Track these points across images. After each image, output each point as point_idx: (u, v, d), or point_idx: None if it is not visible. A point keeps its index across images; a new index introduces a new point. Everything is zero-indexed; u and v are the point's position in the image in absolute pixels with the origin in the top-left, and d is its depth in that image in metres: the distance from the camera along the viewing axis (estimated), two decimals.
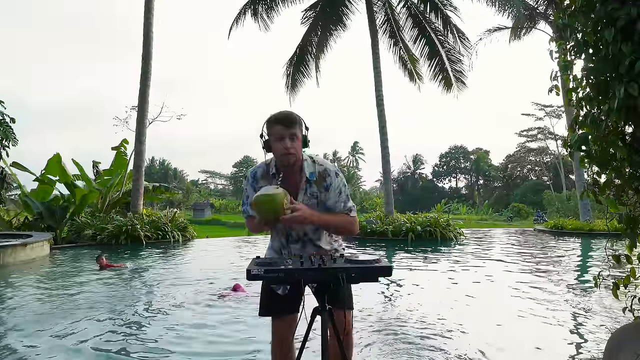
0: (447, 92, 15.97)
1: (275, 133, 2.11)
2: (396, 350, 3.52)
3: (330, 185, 2.19)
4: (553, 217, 24.03)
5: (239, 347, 3.62)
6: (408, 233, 12.49)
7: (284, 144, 2.09)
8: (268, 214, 1.94)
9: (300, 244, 2.26)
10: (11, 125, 11.83)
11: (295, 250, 2.26)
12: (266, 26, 15.45)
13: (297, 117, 2.15)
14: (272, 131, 2.13)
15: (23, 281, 6.76)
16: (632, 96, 2.07)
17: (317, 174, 2.19)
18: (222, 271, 7.36)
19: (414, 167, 66.11)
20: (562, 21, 2.47)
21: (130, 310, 4.87)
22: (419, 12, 15.58)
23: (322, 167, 2.21)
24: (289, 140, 2.09)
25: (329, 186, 2.19)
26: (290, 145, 2.09)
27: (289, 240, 2.27)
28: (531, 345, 3.68)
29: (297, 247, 2.26)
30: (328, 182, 2.19)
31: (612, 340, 2.51)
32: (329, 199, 2.19)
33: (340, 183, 2.21)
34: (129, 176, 15.14)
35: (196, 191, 64.83)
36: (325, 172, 2.20)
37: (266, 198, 1.93)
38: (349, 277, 1.74)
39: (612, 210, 2.55)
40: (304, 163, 2.19)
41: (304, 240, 2.26)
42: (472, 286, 6.23)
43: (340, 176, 2.23)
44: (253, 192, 2.14)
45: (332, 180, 2.19)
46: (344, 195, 2.22)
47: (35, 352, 3.58)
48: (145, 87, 14.08)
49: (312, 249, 2.25)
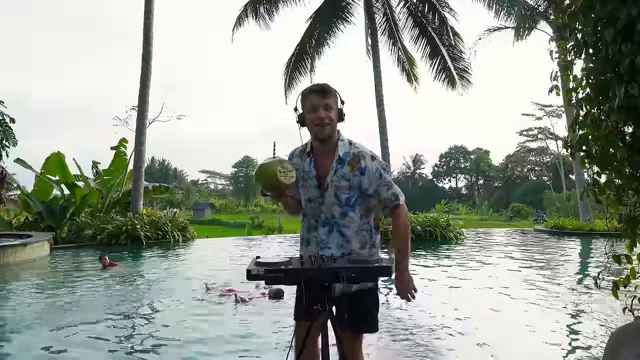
0: (452, 90, 15.96)
1: (309, 104, 2.07)
2: (396, 350, 3.52)
3: (366, 168, 2.08)
4: (553, 217, 24.02)
5: (239, 347, 3.62)
6: None
7: (318, 114, 2.05)
8: (263, 185, 1.99)
9: (327, 227, 2.14)
10: (11, 125, 11.83)
11: (322, 234, 2.14)
12: (266, 25, 15.48)
13: (332, 89, 2.10)
14: (306, 103, 2.09)
15: (23, 281, 6.76)
16: (632, 96, 2.07)
17: (351, 155, 2.11)
18: (221, 271, 7.36)
19: (414, 167, 66.15)
20: (562, 21, 2.47)
21: (131, 310, 4.86)
22: (419, 11, 15.58)
23: (357, 150, 2.12)
24: (323, 110, 2.06)
25: (364, 170, 2.08)
26: (324, 115, 2.05)
27: (318, 221, 2.16)
28: (531, 344, 3.68)
29: (325, 230, 2.14)
30: (363, 165, 2.08)
31: (612, 340, 2.50)
32: (367, 185, 2.09)
33: (378, 166, 2.10)
34: (129, 176, 15.14)
35: (196, 191, 64.82)
36: (359, 154, 2.11)
37: (257, 171, 1.99)
38: (349, 277, 1.74)
39: (612, 210, 2.55)
40: (339, 142, 2.12)
41: (331, 224, 2.13)
42: (472, 286, 6.22)
43: (377, 159, 2.13)
44: None
45: (367, 163, 2.09)
46: (385, 179, 2.10)
47: (35, 351, 3.58)
48: (145, 87, 14.07)
49: (337, 237, 2.12)
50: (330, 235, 2.13)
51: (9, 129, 11.84)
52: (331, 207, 2.12)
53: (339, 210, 2.11)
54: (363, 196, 2.12)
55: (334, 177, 2.10)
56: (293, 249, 11.18)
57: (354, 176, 2.09)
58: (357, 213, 2.13)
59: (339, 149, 2.11)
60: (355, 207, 2.12)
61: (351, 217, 2.12)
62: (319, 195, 2.13)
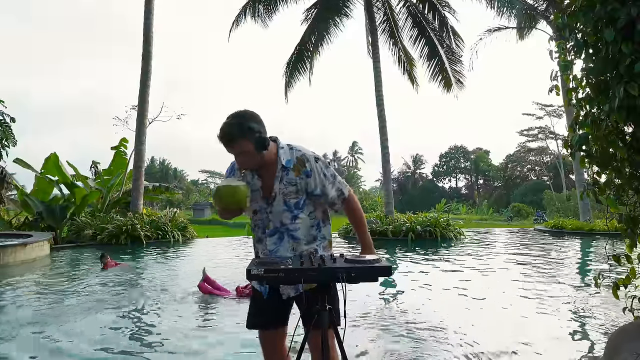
0: (447, 92, 15.98)
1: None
2: (396, 350, 3.52)
3: (311, 171, 2.11)
4: (553, 217, 24.03)
5: (240, 346, 3.62)
6: (408, 233, 12.48)
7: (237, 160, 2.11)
8: (230, 205, 2.03)
9: (277, 235, 2.13)
10: (11, 125, 11.84)
11: (270, 244, 2.13)
12: (265, 24, 15.47)
13: (235, 132, 1.99)
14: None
15: (23, 281, 6.76)
16: (632, 96, 2.07)
17: (294, 160, 2.12)
18: (222, 271, 7.36)
19: (414, 167, 66.13)
20: (562, 21, 2.47)
21: (131, 310, 4.86)
22: (418, 11, 15.57)
23: (300, 153, 2.13)
24: (238, 156, 2.07)
25: (309, 172, 2.11)
26: (240, 162, 2.10)
27: (265, 232, 2.15)
28: (531, 344, 3.67)
29: (273, 239, 2.13)
30: (308, 168, 2.11)
31: (612, 340, 2.51)
32: (313, 186, 2.11)
33: (322, 165, 2.14)
34: (129, 176, 15.14)
35: (196, 191, 64.82)
36: (303, 157, 2.12)
37: (229, 190, 2.00)
38: (349, 277, 1.74)
39: (612, 210, 2.55)
40: (279, 152, 2.12)
41: (281, 232, 2.13)
42: (472, 286, 6.22)
43: (320, 159, 2.16)
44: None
45: (312, 165, 2.11)
46: (330, 178, 2.14)
47: (35, 351, 3.58)
48: (145, 87, 14.08)
49: (288, 242, 2.13)
50: (281, 243, 2.14)
51: (9, 128, 11.85)
52: (280, 215, 2.13)
53: (289, 215, 2.13)
54: (310, 196, 2.14)
55: (280, 185, 2.11)
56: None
57: (300, 180, 2.11)
58: (306, 212, 2.15)
59: (280, 158, 2.11)
60: (303, 208, 2.14)
61: (301, 218, 2.14)
62: (266, 206, 2.14)
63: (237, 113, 2.05)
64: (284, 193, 2.10)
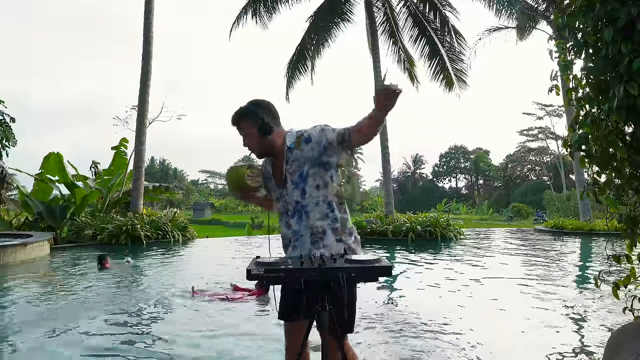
0: (449, 92, 15.96)
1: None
2: (397, 350, 3.51)
3: (310, 135, 2.11)
4: (553, 217, 24.02)
5: (240, 346, 3.62)
6: (408, 233, 12.48)
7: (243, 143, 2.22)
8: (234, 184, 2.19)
9: (297, 215, 2.15)
10: (10, 125, 11.84)
11: (294, 225, 2.16)
12: (265, 25, 15.46)
13: (242, 113, 2.17)
14: None
15: (23, 281, 6.76)
16: (631, 95, 2.07)
17: (295, 138, 2.16)
18: (222, 271, 7.36)
19: (414, 167, 66.09)
20: (562, 21, 2.47)
21: (131, 310, 4.86)
22: (418, 11, 15.57)
23: (301, 130, 2.17)
24: (244, 139, 2.20)
25: (309, 138, 2.11)
26: (246, 144, 2.20)
27: (289, 215, 2.18)
28: (531, 344, 3.67)
29: (294, 220, 2.16)
30: (306, 135, 2.12)
31: (612, 340, 2.50)
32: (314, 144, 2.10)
33: (318, 126, 2.14)
34: (129, 176, 15.14)
35: (196, 191, 64.82)
36: (301, 131, 2.16)
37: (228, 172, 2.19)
38: (349, 277, 1.74)
39: (612, 210, 2.55)
40: (286, 138, 2.17)
41: (299, 210, 2.14)
42: (472, 286, 6.22)
43: (318, 124, 2.16)
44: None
45: (309, 131, 2.13)
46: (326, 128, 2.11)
47: (35, 351, 3.58)
48: (145, 87, 14.07)
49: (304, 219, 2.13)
50: (300, 222, 2.15)
51: (9, 128, 11.85)
52: (293, 194, 2.16)
53: (298, 191, 2.14)
54: (315, 165, 2.12)
55: (287, 166, 2.15)
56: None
57: (300, 151, 2.13)
58: (311, 183, 2.13)
59: (287, 143, 2.17)
60: (307, 180, 2.13)
61: (308, 191, 2.13)
62: (281, 190, 2.20)
63: (251, 100, 2.21)
64: (290, 172, 2.14)
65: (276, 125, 2.19)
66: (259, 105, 2.19)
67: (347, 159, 2.18)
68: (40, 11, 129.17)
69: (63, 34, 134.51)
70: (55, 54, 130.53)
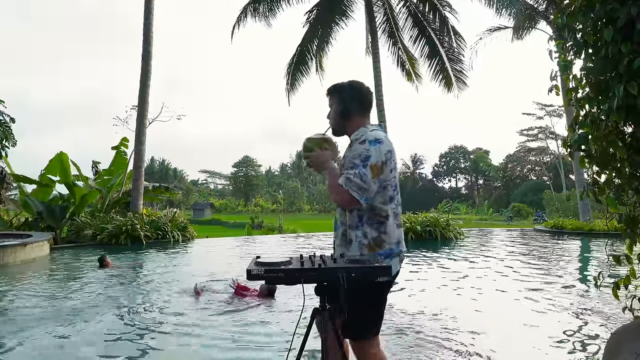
0: (448, 92, 15.97)
1: None
2: (397, 350, 3.51)
3: (354, 149, 2.11)
4: (553, 217, 24.02)
5: (240, 347, 3.62)
6: (408, 233, 12.48)
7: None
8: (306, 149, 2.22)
9: (340, 228, 2.19)
10: (10, 125, 11.82)
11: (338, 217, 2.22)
12: (268, 24, 15.47)
13: (336, 87, 2.24)
14: None
15: (23, 281, 6.75)
16: (631, 95, 2.07)
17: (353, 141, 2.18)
18: (222, 270, 7.36)
19: (414, 167, 66.11)
20: (562, 21, 2.47)
21: (131, 310, 4.86)
22: (418, 11, 15.57)
23: (365, 134, 2.12)
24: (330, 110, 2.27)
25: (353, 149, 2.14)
26: (328, 116, 2.27)
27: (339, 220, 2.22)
28: (531, 344, 3.67)
29: (338, 233, 2.22)
30: (354, 148, 2.12)
31: (612, 340, 2.51)
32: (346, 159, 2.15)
33: (361, 149, 2.05)
34: (129, 176, 15.14)
35: (196, 191, 64.83)
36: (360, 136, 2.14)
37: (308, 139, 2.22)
38: (349, 277, 1.74)
39: (612, 210, 2.55)
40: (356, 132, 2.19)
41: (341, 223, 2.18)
42: (472, 286, 6.22)
43: (367, 143, 2.04)
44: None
45: (357, 146, 2.10)
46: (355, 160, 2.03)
47: (35, 352, 3.58)
48: (145, 87, 14.08)
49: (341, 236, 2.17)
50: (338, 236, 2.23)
51: (9, 128, 11.83)
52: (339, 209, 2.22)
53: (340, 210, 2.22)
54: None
55: (343, 161, 2.21)
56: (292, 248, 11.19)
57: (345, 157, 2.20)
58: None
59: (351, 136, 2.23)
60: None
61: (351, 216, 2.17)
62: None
63: (351, 80, 2.27)
64: (341, 165, 2.19)
65: (359, 113, 2.20)
66: (354, 88, 2.22)
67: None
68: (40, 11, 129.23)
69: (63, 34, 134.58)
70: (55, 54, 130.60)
